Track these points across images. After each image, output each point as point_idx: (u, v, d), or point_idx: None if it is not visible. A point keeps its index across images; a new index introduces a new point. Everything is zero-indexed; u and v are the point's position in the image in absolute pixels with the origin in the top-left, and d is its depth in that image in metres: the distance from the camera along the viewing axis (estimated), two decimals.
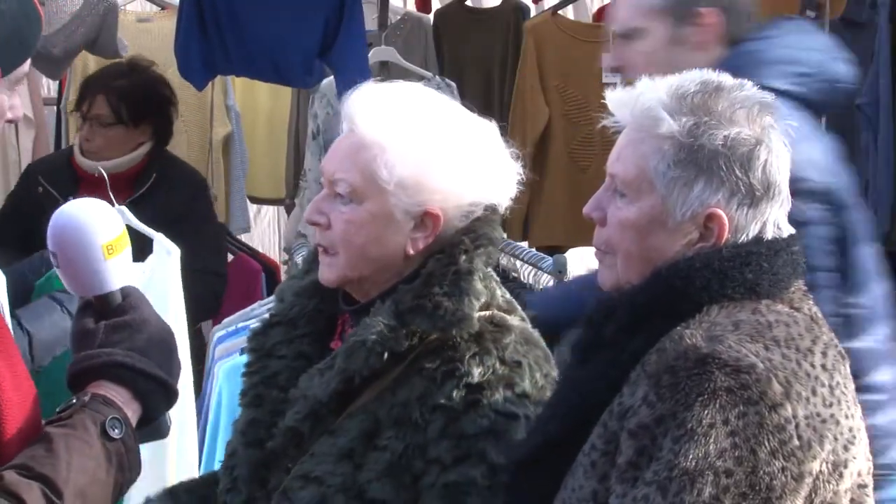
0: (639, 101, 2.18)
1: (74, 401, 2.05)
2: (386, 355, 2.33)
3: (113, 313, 2.11)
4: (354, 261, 2.40)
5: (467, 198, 2.41)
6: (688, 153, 2.13)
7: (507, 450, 2.29)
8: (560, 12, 6.24)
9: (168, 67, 5.57)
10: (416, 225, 2.39)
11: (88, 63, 5.60)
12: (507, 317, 2.44)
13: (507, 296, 2.50)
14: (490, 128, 2.46)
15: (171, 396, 2.12)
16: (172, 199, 4.68)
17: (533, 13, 6.55)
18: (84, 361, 2.08)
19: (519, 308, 2.51)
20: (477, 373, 2.34)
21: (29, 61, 2.15)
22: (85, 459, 1.99)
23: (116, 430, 2.02)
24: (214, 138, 5.89)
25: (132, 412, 2.08)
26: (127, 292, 2.13)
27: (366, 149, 2.38)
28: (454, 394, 2.33)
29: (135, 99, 4.73)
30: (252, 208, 6.85)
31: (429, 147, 2.38)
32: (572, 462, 2.13)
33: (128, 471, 2.05)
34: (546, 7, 6.65)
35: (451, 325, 2.34)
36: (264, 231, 7.64)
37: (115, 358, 2.07)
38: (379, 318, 2.34)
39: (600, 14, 6.72)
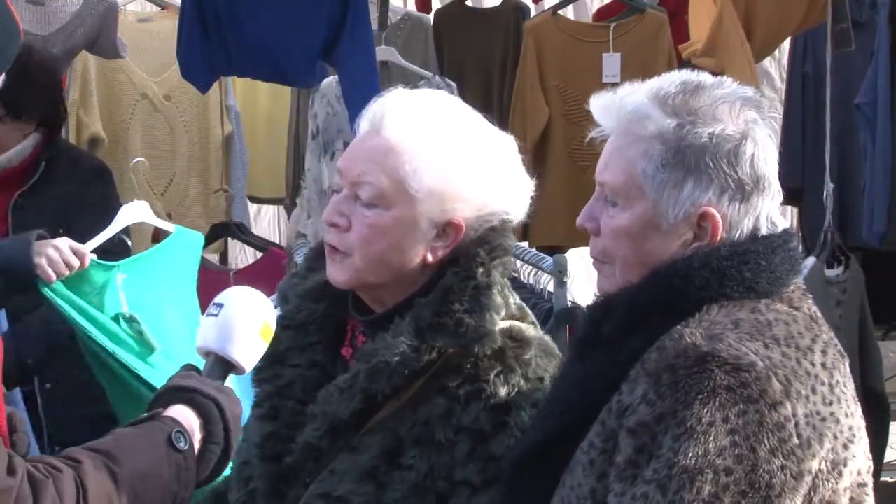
0: (622, 105, 2.19)
1: (145, 415, 2.15)
2: (406, 373, 2.32)
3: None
4: (372, 266, 2.37)
5: (488, 208, 2.40)
6: (674, 155, 2.13)
7: (507, 448, 2.29)
8: (560, 12, 6.24)
9: (169, 67, 5.58)
10: (438, 234, 2.38)
11: (88, 63, 5.60)
12: (524, 327, 2.43)
13: (518, 301, 2.49)
14: (509, 140, 2.45)
15: (221, 466, 2.21)
16: (67, 188, 4.43)
17: (533, 13, 6.54)
18: (181, 380, 2.20)
19: (530, 313, 2.50)
20: (503, 392, 2.33)
21: (4, 75, 2.19)
22: (148, 453, 2.07)
23: (182, 443, 2.11)
24: (214, 138, 5.89)
25: (196, 445, 2.17)
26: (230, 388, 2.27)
27: (395, 153, 2.35)
28: (481, 416, 2.32)
29: (16, 90, 4.24)
30: (252, 208, 6.86)
31: (458, 156, 2.37)
32: (571, 460, 2.14)
33: (184, 487, 2.11)
34: (546, 7, 6.64)
35: (474, 342, 2.33)
36: (264, 231, 7.62)
37: (210, 391, 2.20)
38: (401, 338, 2.32)
39: (600, 14, 6.73)
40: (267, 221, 7.76)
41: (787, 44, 6.26)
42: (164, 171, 5.78)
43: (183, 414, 2.16)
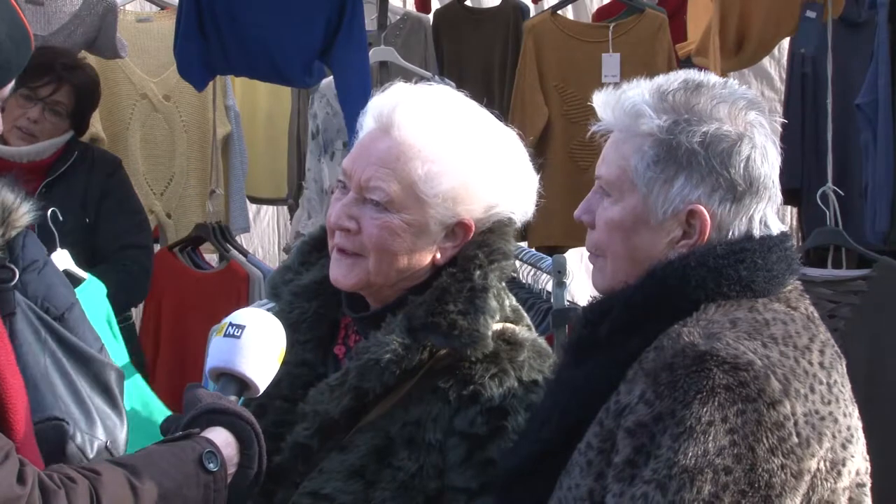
0: (620, 101, 2.19)
1: (179, 433, 2.15)
2: (398, 372, 2.30)
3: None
4: (384, 268, 2.36)
5: (497, 207, 2.40)
6: (667, 151, 2.13)
7: (503, 451, 2.28)
8: (560, 12, 6.24)
9: (168, 67, 5.58)
10: (447, 235, 2.37)
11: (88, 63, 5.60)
12: (517, 329, 2.41)
13: (514, 303, 2.48)
14: (514, 136, 2.45)
15: (253, 486, 2.22)
16: (90, 180, 4.77)
17: (533, 13, 6.54)
18: (216, 402, 2.20)
19: (525, 315, 2.49)
20: (498, 395, 2.32)
21: (13, 83, 2.20)
22: (175, 471, 2.07)
23: (212, 464, 2.12)
24: (214, 138, 5.89)
25: (230, 469, 2.17)
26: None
27: (406, 157, 2.33)
28: (477, 420, 2.31)
29: (85, 95, 4.83)
30: (252, 208, 6.85)
31: (470, 159, 2.35)
32: (568, 463, 2.13)
33: None
34: (546, 7, 6.64)
35: (467, 344, 2.31)
36: (264, 231, 7.63)
37: (246, 414, 2.21)
38: (393, 335, 2.31)
39: (600, 14, 6.73)
40: (266, 222, 7.75)
41: (786, 44, 6.26)
42: (164, 171, 5.79)
43: (221, 436, 2.16)
